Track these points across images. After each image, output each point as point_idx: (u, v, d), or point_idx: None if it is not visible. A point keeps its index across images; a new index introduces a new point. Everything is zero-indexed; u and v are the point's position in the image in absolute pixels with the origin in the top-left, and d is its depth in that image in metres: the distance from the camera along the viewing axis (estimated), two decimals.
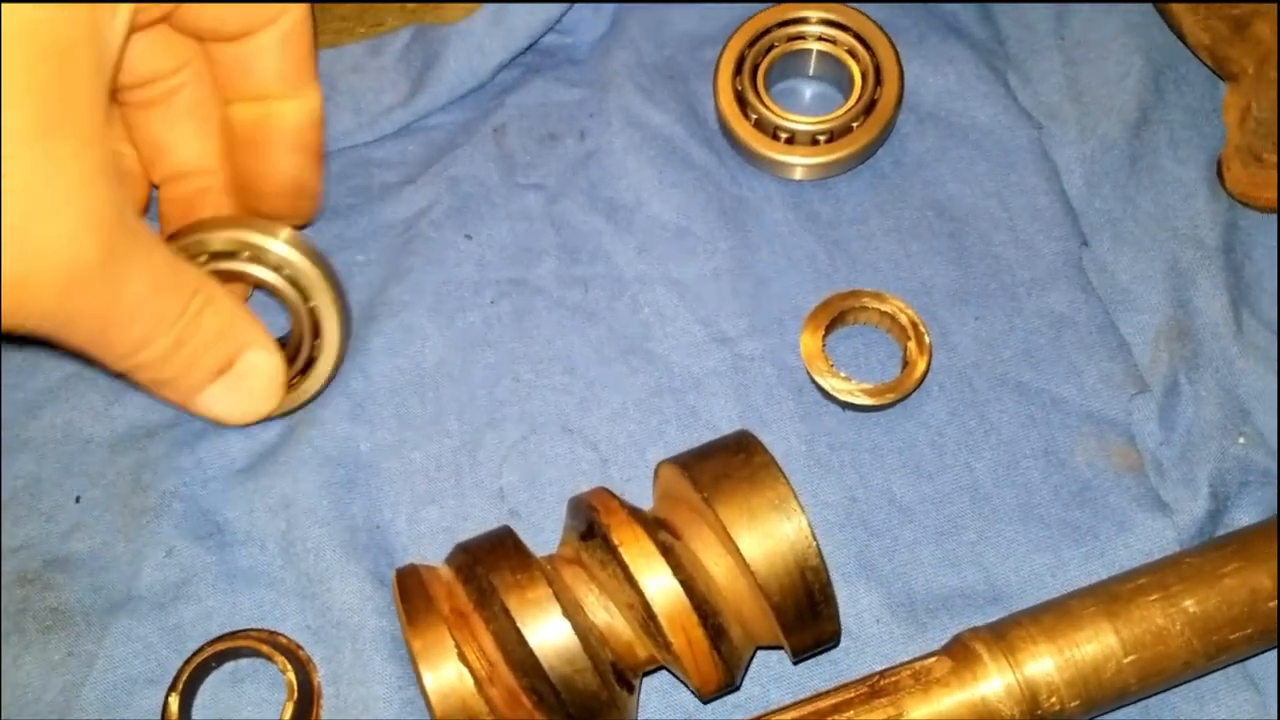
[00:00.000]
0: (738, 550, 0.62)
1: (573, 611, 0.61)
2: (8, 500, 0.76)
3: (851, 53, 0.85)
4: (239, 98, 0.72)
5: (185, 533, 0.74)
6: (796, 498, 0.62)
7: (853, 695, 0.64)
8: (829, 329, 0.78)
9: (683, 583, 0.61)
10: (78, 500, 0.76)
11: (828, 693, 0.65)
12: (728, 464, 0.65)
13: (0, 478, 0.77)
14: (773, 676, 0.71)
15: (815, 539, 0.62)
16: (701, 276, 0.82)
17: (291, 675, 0.68)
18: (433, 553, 0.73)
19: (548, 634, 0.60)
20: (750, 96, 0.84)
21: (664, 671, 0.69)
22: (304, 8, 0.69)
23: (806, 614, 0.63)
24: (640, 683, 0.67)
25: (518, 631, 0.60)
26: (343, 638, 0.71)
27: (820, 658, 0.70)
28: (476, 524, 0.75)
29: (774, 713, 0.65)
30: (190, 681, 0.69)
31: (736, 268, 0.82)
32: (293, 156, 0.74)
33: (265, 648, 0.69)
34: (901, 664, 0.66)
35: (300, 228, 0.77)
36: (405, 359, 0.80)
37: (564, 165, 0.87)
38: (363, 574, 0.72)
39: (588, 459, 0.77)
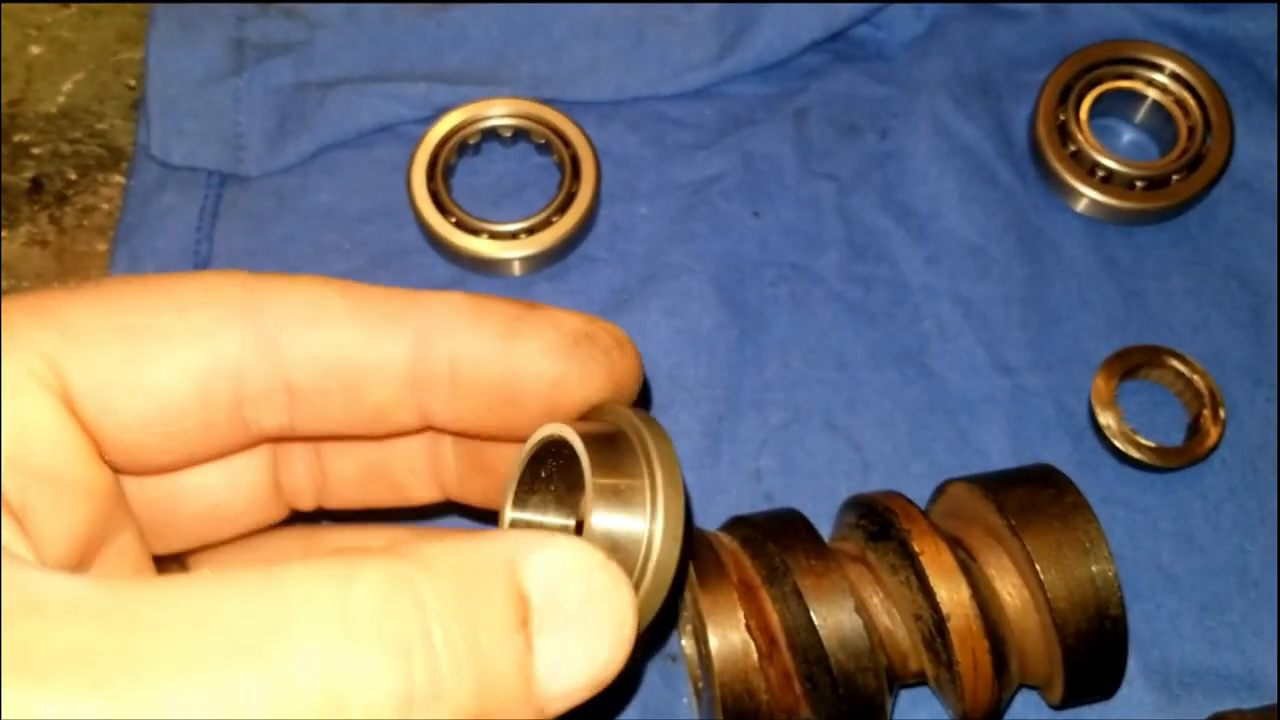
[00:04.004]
0: (1039, 584, 0.60)
1: (860, 608, 0.60)
2: None
3: (1180, 104, 0.83)
4: None
5: None
6: (1108, 544, 0.61)
7: None
8: (1123, 378, 0.75)
9: (979, 603, 0.60)
10: None
11: None
12: (1036, 496, 0.63)
13: None
14: None
15: (1121, 590, 0.60)
16: (991, 299, 0.80)
17: None
18: None
19: (838, 624, 0.59)
20: (1072, 127, 0.82)
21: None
22: None
23: (1096, 662, 0.61)
24: (897, 695, 0.65)
25: (808, 615, 0.59)
26: None
27: (1068, 711, 0.68)
28: (731, 499, 0.74)
29: None
30: None
31: (1029, 297, 0.80)
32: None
33: None
34: None
35: None
36: (682, 320, 0.79)
37: (861, 160, 0.85)
38: None
39: (849, 459, 0.76)
